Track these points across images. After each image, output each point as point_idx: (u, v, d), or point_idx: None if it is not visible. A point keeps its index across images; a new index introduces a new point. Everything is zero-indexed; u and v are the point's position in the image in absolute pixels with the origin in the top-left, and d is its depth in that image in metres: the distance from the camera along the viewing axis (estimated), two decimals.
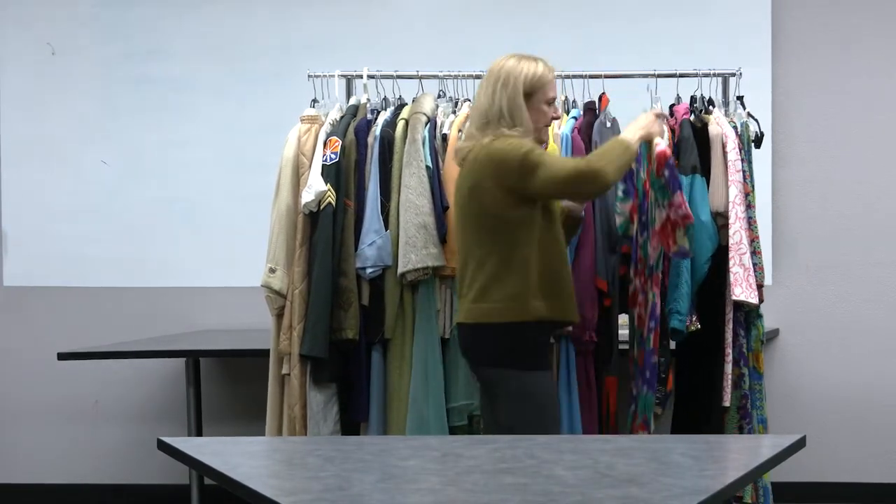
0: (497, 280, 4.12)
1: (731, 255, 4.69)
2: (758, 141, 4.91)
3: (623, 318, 4.81)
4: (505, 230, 4.12)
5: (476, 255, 4.16)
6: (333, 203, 4.76)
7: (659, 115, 4.39)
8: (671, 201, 4.37)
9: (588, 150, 4.73)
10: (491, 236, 4.13)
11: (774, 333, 6.14)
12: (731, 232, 4.70)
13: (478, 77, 4.89)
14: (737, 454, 3.24)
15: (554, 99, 4.25)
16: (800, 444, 3.18)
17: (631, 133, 4.25)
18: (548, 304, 4.14)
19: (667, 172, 4.37)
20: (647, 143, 4.39)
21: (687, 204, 4.40)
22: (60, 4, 6.36)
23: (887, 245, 6.16)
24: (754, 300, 4.70)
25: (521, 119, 4.16)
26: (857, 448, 6.15)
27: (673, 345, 4.77)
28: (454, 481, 2.76)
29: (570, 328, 4.65)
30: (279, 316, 4.84)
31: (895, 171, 6.17)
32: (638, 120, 4.30)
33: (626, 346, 4.73)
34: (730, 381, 4.74)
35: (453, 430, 4.72)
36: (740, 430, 4.78)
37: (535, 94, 4.19)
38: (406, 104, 4.96)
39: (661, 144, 4.38)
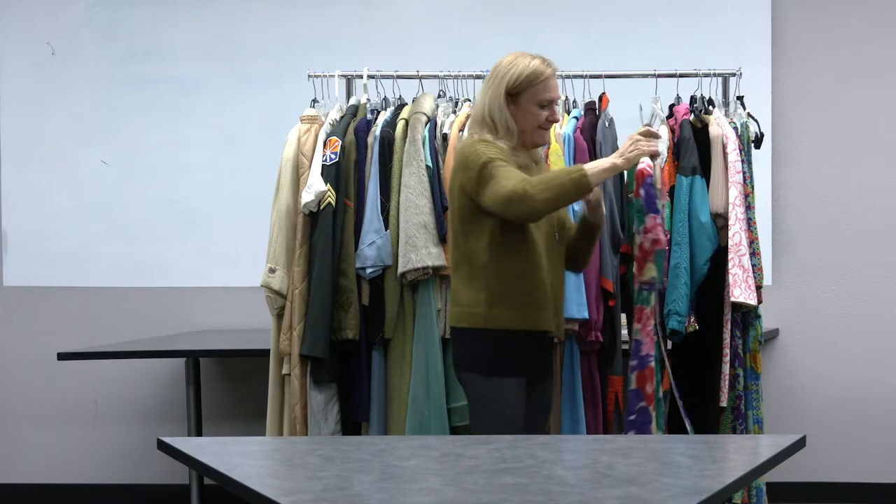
0: (464, 285, 4.08)
1: (730, 257, 4.69)
2: (758, 141, 4.91)
3: (623, 318, 4.81)
4: (470, 236, 4.04)
5: (454, 258, 4.16)
6: (333, 203, 4.76)
7: (646, 135, 4.03)
8: (645, 226, 4.17)
9: (591, 150, 4.75)
10: (462, 240, 4.07)
11: (774, 333, 6.15)
12: (730, 233, 4.70)
13: (478, 77, 4.90)
14: (737, 454, 3.24)
15: (549, 101, 4.07)
16: (800, 444, 3.18)
17: (598, 163, 3.99)
18: (513, 314, 4.03)
19: (643, 192, 4.17)
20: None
21: (660, 228, 4.17)
22: (60, 4, 6.36)
23: (887, 245, 6.17)
24: (753, 301, 4.70)
25: (501, 120, 4.03)
26: (857, 448, 6.15)
27: (670, 345, 4.76)
28: (454, 481, 2.76)
29: (576, 328, 4.65)
30: (279, 316, 4.84)
31: (895, 171, 6.18)
32: (622, 147, 4.02)
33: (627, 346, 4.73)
34: (727, 382, 4.74)
35: (455, 431, 4.72)
36: (733, 431, 4.77)
37: (522, 94, 4.04)
38: (406, 104, 4.96)
39: (644, 163, 4.15)
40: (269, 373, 4.91)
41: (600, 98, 4.90)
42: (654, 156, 4.05)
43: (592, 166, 3.94)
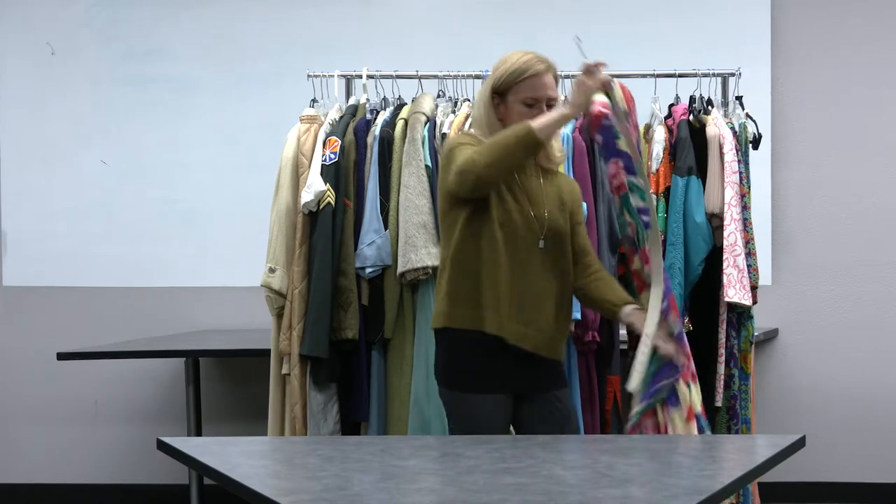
0: (438, 284, 3.96)
1: (725, 257, 4.69)
2: (755, 142, 4.91)
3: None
4: (447, 233, 3.93)
5: (439, 258, 4.09)
6: (333, 203, 4.76)
7: (587, 72, 3.76)
8: (608, 173, 3.84)
9: (590, 150, 4.74)
10: (444, 238, 3.97)
11: (774, 333, 6.15)
12: (725, 233, 4.70)
13: (477, 77, 4.90)
14: (736, 454, 3.25)
15: (535, 99, 3.85)
16: (799, 444, 3.19)
17: (546, 115, 3.72)
18: (465, 312, 3.84)
19: (600, 137, 3.77)
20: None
21: (622, 174, 3.80)
22: (60, 4, 6.36)
23: (887, 245, 6.17)
24: (747, 301, 4.71)
25: (484, 117, 3.90)
26: (857, 448, 6.15)
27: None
28: (454, 481, 2.76)
29: (573, 328, 4.64)
30: (279, 316, 4.84)
31: (895, 171, 6.18)
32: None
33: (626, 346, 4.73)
34: (722, 382, 4.74)
35: None
36: (728, 431, 4.78)
37: (509, 91, 3.86)
38: (405, 104, 4.96)
39: (596, 102, 3.73)
40: (269, 373, 4.91)
41: None
42: (604, 88, 3.76)
43: (540, 119, 3.71)
